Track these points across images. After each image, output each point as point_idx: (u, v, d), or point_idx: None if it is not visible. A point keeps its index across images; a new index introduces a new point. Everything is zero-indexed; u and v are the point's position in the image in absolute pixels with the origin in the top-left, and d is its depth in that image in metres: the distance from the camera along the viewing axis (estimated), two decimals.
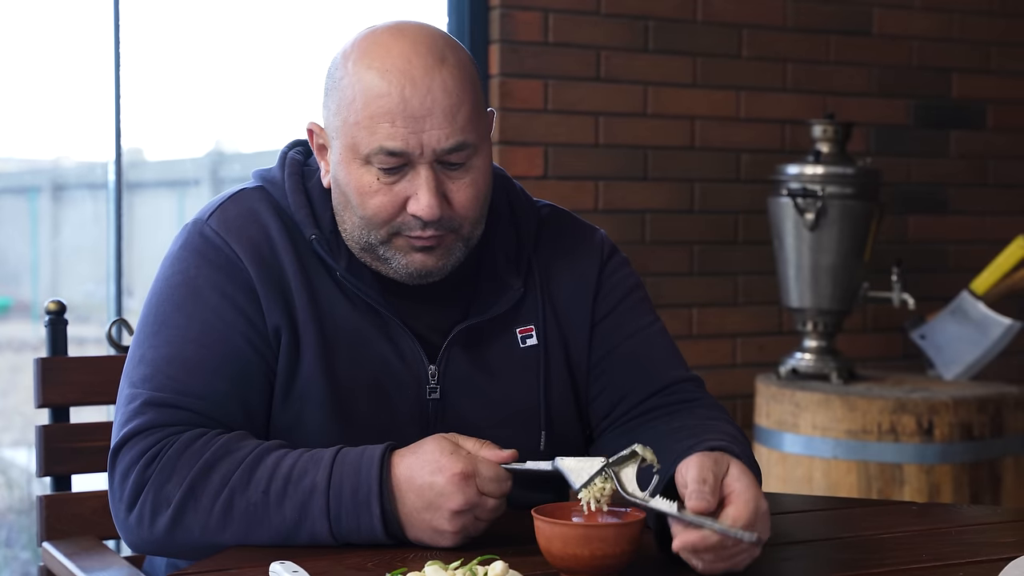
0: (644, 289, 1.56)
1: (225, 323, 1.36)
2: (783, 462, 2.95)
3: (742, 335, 3.45)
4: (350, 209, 1.38)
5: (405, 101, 1.32)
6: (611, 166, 3.27)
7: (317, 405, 1.37)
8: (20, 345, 5.30)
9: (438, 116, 1.33)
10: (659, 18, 3.31)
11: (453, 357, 1.42)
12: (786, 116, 3.46)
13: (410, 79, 1.33)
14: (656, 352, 1.51)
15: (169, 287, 1.39)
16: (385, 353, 1.40)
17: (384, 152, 1.33)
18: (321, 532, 1.27)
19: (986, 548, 1.34)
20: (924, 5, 3.63)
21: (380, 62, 1.34)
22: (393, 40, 1.36)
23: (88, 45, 3.15)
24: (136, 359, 1.38)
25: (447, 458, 1.25)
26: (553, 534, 1.18)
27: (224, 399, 1.35)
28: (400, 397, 1.40)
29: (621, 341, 1.50)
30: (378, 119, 1.33)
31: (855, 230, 2.98)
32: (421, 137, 1.33)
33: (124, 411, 1.35)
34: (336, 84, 1.38)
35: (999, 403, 2.90)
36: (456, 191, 1.36)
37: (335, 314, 1.39)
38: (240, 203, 1.43)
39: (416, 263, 1.38)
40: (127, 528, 1.32)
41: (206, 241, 1.40)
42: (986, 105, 3.74)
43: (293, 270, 1.39)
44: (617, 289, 1.52)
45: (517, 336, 1.45)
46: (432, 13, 3.24)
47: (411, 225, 1.36)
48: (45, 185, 4.84)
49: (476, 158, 1.37)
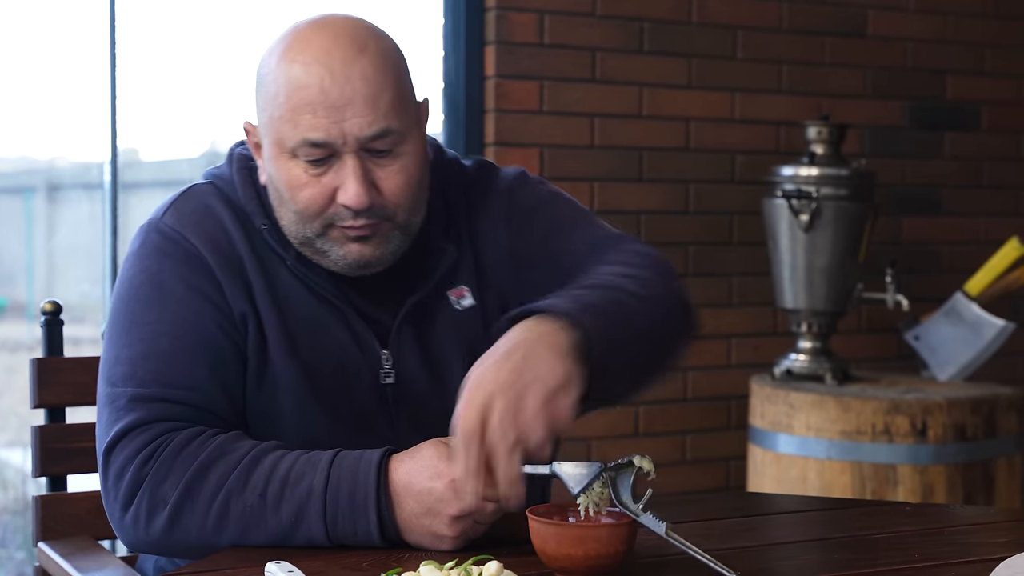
0: (562, 194, 1.53)
1: (195, 313, 1.37)
2: (777, 463, 2.96)
3: (737, 336, 3.46)
4: (284, 204, 1.39)
5: (325, 91, 1.33)
6: (606, 167, 3.28)
7: (286, 391, 1.38)
8: (15, 345, 5.30)
9: (359, 104, 1.33)
10: (654, 19, 3.31)
11: (404, 339, 1.43)
12: (781, 117, 3.47)
13: (329, 69, 1.33)
14: (574, 243, 1.47)
15: (133, 286, 1.40)
16: (343, 339, 1.41)
17: (308, 144, 1.34)
18: (317, 535, 1.27)
19: (978, 548, 1.34)
20: (918, 7, 3.64)
21: (301, 55, 1.35)
22: (314, 33, 1.36)
23: (84, 45, 3.15)
24: (111, 360, 1.38)
25: (445, 464, 1.25)
26: (548, 534, 1.19)
27: (206, 386, 1.35)
28: (360, 382, 1.41)
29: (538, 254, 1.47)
30: (299, 111, 1.34)
31: (849, 231, 2.99)
32: (343, 126, 1.33)
33: (109, 410, 1.35)
34: (261, 81, 1.39)
35: (992, 404, 2.91)
36: (385, 178, 1.36)
37: (293, 302, 1.40)
38: (192, 199, 1.44)
39: (353, 253, 1.38)
40: (123, 528, 1.32)
41: (164, 237, 1.41)
42: (980, 107, 3.75)
43: (250, 259, 1.40)
44: (524, 210, 1.50)
45: (451, 299, 1.45)
46: (428, 14, 3.25)
47: (343, 215, 1.36)
48: (40, 185, 4.84)
49: (404, 145, 1.37)
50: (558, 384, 1.21)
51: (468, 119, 3.14)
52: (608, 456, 3.15)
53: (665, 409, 3.37)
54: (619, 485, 1.21)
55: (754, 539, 1.39)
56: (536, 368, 1.20)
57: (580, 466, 1.22)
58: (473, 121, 3.14)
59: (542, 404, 1.19)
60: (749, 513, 1.55)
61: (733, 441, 3.42)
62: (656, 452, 3.31)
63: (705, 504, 1.67)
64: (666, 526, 1.18)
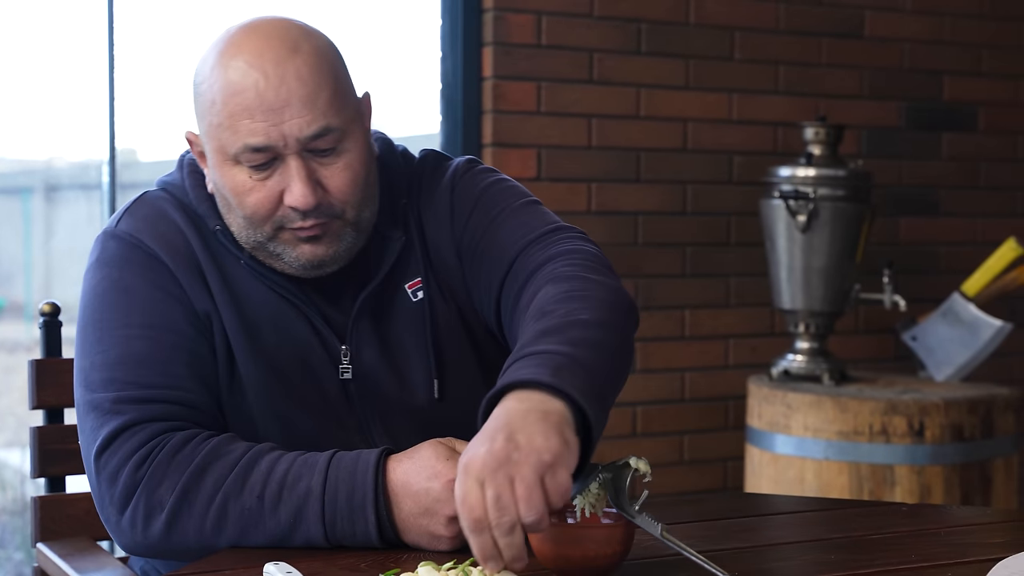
0: (505, 180, 1.51)
1: (163, 312, 1.37)
2: (775, 463, 2.96)
3: (734, 336, 3.46)
4: (233, 211, 1.39)
5: (260, 95, 1.33)
6: (604, 168, 3.28)
7: (251, 388, 1.39)
8: (13, 346, 5.31)
9: (295, 105, 1.33)
10: (652, 20, 3.32)
11: (361, 333, 1.43)
12: (778, 118, 3.48)
13: (263, 72, 1.33)
14: (510, 230, 1.44)
15: (98, 295, 1.40)
16: (304, 335, 1.42)
17: (249, 149, 1.34)
18: (316, 537, 1.28)
19: (975, 549, 1.34)
20: (915, 8, 3.65)
21: (234, 60, 1.34)
22: (245, 37, 1.36)
23: (81, 46, 3.15)
24: (87, 368, 1.37)
25: (443, 464, 1.25)
26: (545, 535, 1.19)
27: (187, 383, 1.36)
28: (324, 376, 1.42)
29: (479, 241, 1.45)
30: (237, 117, 1.33)
31: (847, 232, 3.00)
32: (282, 128, 1.33)
33: (94, 416, 1.35)
34: (197, 89, 1.38)
35: (989, 404, 2.91)
36: (330, 177, 1.36)
37: (253, 300, 1.41)
38: (145, 205, 1.45)
39: (306, 254, 1.38)
40: (120, 531, 1.32)
41: (121, 244, 1.41)
42: (977, 108, 3.75)
43: (206, 260, 1.41)
44: (467, 200, 1.48)
45: (408, 293, 1.46)
46: (425, 15, 3.25)
47: (291, 217, 1.36)
48: (38, 186, 4.84)
49: (347, 141, 1.37)
50: (552, 458, 1.11)
51: (466, 120, 3.14)
52: (606, 457, 3.15)
53: (663, 409, 3.38)
54: (615, 486, 1.21)
55: (750, 540, 1.39)
56: (528, 444, 1.11)
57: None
58: (471, 122, 3.14)
59: (536, 481, 1.10)
60: (746, 514, 1.55)
61: (730, 441, 3.43)
62: (654, 452, 3.32)
63: (702, 505, 1.67)
64: (661, 527, 1.19)
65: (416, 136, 3.41)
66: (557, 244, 1.41)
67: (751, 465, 3.06)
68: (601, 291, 1.32)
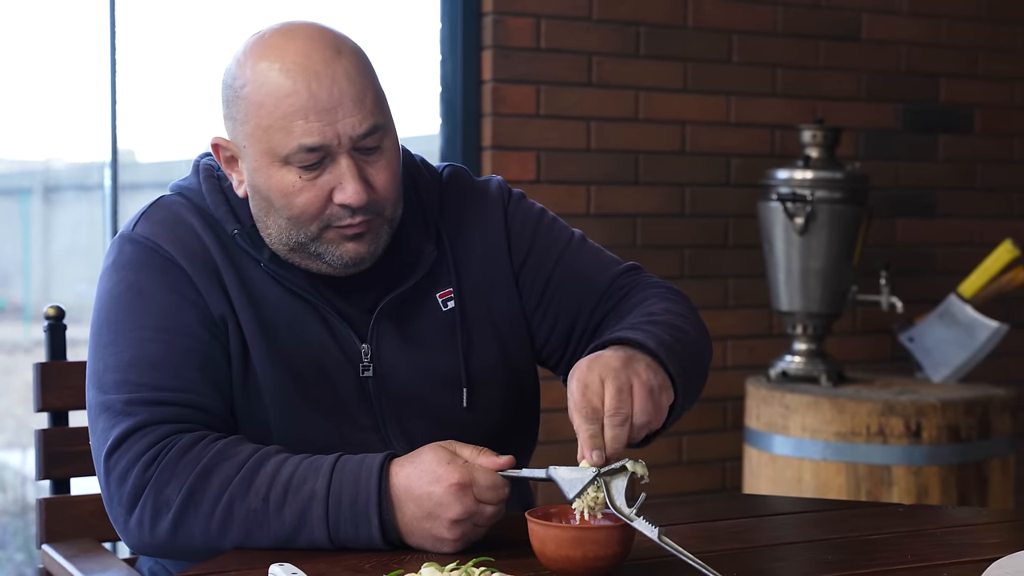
0: (549, 211, 1.61)
1: (178, 316, 1.39)
2: (773, 464, 2.98)
3: (733, 338, 3.48)
4: (274, 213, 1.40)
5: (313, 95, 1.35)
6: (603, 170, 3.30)
7: (268, 389, 1.40)
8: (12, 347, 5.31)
9: (348, 104, 1.36)
10: (650, 24, 3.33)
11: (383, 333, 1.45)
12: (776, 121, 3.49)
13: (314, 74, 1.35)
14: (587, 261, 1.57)
15: (113, 297, 1.41)
16: (321, 335, 1.43)
17: (304, 149, 1.35)
18: (320, 539, 1.29)
19: (970, 549, 1.36)
20: (912, 11, 3.66)
21: (280, 63, 1.36)
22: (286, 40, 1.38)
23: (81, 46, 3.16)
24: (100, 369, 1.39)
25: (444, 468, 1.27)
26: (546, 536, 1.21)
27: (199, 387, 1.37)
28: (340, 377, 1.44)
29: (552, 269, 1.55)
30: (291, 117, 1.35)
31: (844, 234, 3.01)
32: (336, 127, 1.35)
33: (106, 416, 1.36)
34: (237, 93, 1.39)
35: (986, 405, 2.93)
36: (375, 174, 1.39)
37: (269, 301, 1.42)
38: (161, 209, 1.46)
39: (350, 252, 1.40)
40: (127, 531, 1.34)
41: (138, 247, 1.42)
42: (974, 110, 3.77)
43: (223, 263, 1.42)
44: (526, 226, 1.56)
45: (438, 301, 1.49)
46: (425, 19, 3.26)
47: (340, 215, 1.38)
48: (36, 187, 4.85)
49: (387, 139, 1.40)
50: (659, 384, 1.31)
51: (465, 123, 3.15)
52: None
53: None
54: (613, 489, 1.23)
55: (748, 541, 1.41)
56: (640, 369, 1.31)
57: (575, 471, 1.24)
58: (470, 125, 3.16)
59: (648, 393, 1.29)
60: (743, 515, 1.56)
61: (729, 442, 3.44)
62: (653, 453, 3.33)
63: (700, 506, 1.69)
64: (659, 531, 1.20)
65: (416, 137, 3.43)
66: (642, 280, 1.57)
67: (749, 466, 3.07)
68: (695, 320, 1.52)
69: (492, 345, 1.51)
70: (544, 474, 1.26)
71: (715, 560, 1.25)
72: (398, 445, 1.44)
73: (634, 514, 1.21)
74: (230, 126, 1.42)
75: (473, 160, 3.16)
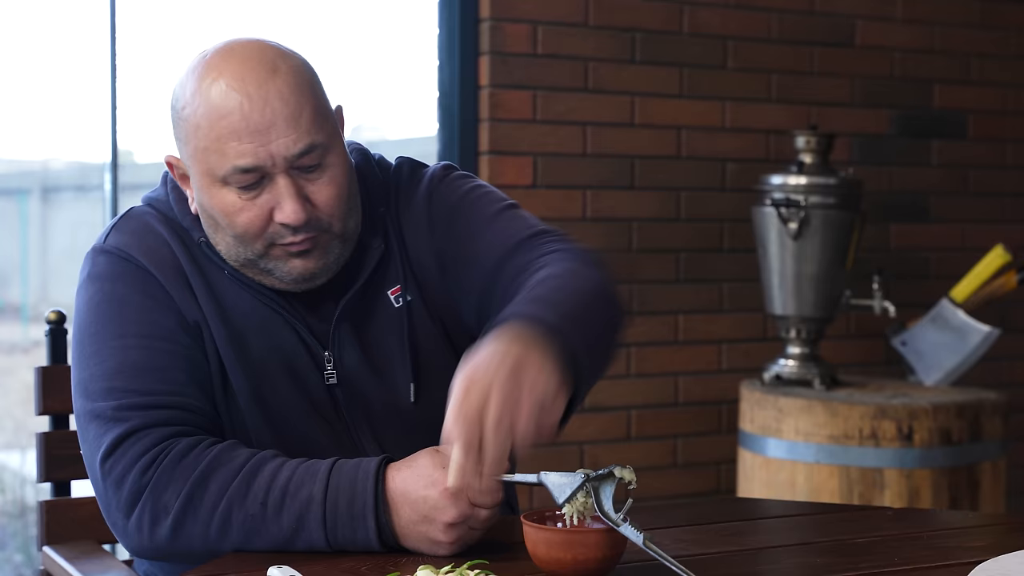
0: (484, 186, 1.55)
1: (158, 321, 1.40)
2: (767, 466, 3.00)
3: (727, 342, 3.50)
4: (221, 230, 1.42)
5: (246, 117, 1.36)
6: (599, 175, 3.32)
7: (240, 395, 1.42)
8: (10, 348, 5.31)
9: (281, 125, 1.36)
10: (646, 30, 3.35)
11: (343, 339, 1.47)
12: (770, 126, 3.51)
13: (246, 94, 1.36)
14: (497, 232, 1.49)
15: (91, 308, 1.42)
16: (289, 342, 1.45)
17: (238, 171, 1.37)
18: (318, 542, 1.31)
19: (957, 552, 1.37)
20: (906, 17, 3.69)
21: (215, 84, 1.37)
22: (224, 61, 1.39)
23: (80, 46, 3.18)
24: (85, 379, 1.40)
25: (440, 472, 1.28)
26: (539, 538, 1.23)
27: (187, 389, 1.39)
28: (310, 383, 1.45)
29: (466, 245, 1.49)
30: (224, 139, 1.36)
31: (837, 239, 3.03)
32: (269, 148, 1.36)
33: (96, 424, 1.37)
34: (179, 114, 1.41)
35: (977, 409, 2.95)
36: (317, 192, 1.40)
37: (239, 309, 1.44)
38: (131, 220, 1.48)
39: (298, 268, 1.42)
40: (126, 535, 1.35)
41: (110, 259, 1.44)
42: (967, 115, 3.79)
43: (192, 271, 1.44)
44: (445, 205, 1.52)
45: (390, 299, 1.49)
46: (422, 25, 3.28)
47: (282, 233, 1.39)
48: (35, 187, 4.85)
49: (329, 156, 1.41)
50: (550, 394, 1.22)
51: (462, 128, 3.17)
52: (600, 460, 3.19)
53: (656, 413, 3.41)
54: (601, 495, 1.24)
55: (738, 544, 1.42)
56: (531, 374, 1.21)
57: (565, 476, 1.25)
58: (467, 130, 3.18)
59: (535, 408, 1.21)
60: (735, 518, 1.58)
61: (723, 445, 3.46)
62: (647, 456, 3.35)
63: (693, 509, 1.71)
64: (644, 536, 1.21)
65: (413, 140, 3.45)
66: (542, 247, 1.46)
67: (743, 469, 3.10)
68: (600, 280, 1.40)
69: (437, 338, 1.50)
70: (535, 479, 1.28)
71: (706, 563, 1.27)
72: (370, 450, 1.45)
73: (621, 519, 1.22)
74: (178, 145, 1.44)
75: (470, 165, 3.18)
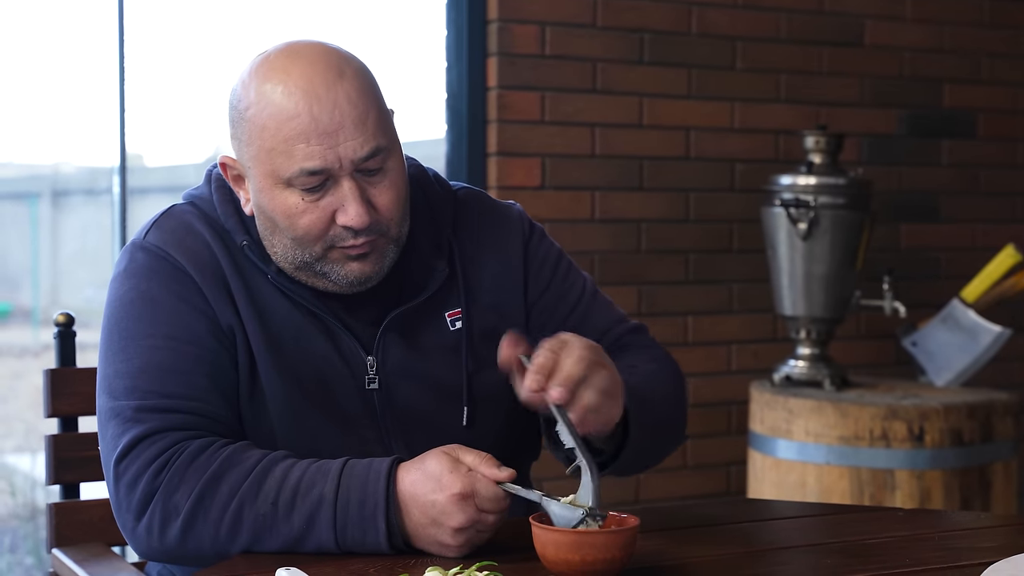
0: (565, 254, 1.64)
1: (188, 324, 1.40)
2: (777, 468, 2.99)
3: (737, 342, 3.49)
4: (279, 232, 1.42)
5: (315, 119, 1.36)
6: (607, 176, 3.31)
7: (273, 399, 1.42)
8: (21, 351, 5.32)
9: (349, 127, 1.37)
10: (654, 31, 3.35)
11: (388, 345, 1.47)
12: (779, 126, 3.51)
13: (315, 97, 1.36)
14: (597, 316, 1.60)
15: (123, 304, 1.43)
16: (327, 349, 1.45)
17: (305, 173, 1.37)
18: (327, 543, 1.31)
19: (967, 553, 1.37)
20: (915, 17, 3.68)
21: (282, 86, 1.37)
22: (290, 62, 1.39)
23: (89, 50, 3.18)
24: (110, 375, 1.40)
25: (447, 476, 1.28)
26: (547, 540, 1.23)
27: (208, 395, 1.39)
28: (345, 389, 1.45)
29: (567, 316, 1.57)
30: (292, 141, 1.37)
31: (847, 239, 3.03)
32: (337, 151, 1.37)
33: (116, 423, 1.37)
34: (242, 115, 1.41)
35: (989, 409, 2.94)
36: (378, 195, 1.41)
37: (276, 313, 1.44)
38: (173, 218, 1.48)
39: (354, 271, 1.42)
40: (136, 537, 1.35)
41: (149, 255, 1.44)
42: (977, 115, 3.78)
43: (232, 274, 1.44)
44: (547, 264, 1.59)
45: (447, 320, 1.51)
46: (430, 26, 3.29)
47: (343, 236, 1.40)
48: (45, 191, 4.87)
49: (390, 160, 1.42)
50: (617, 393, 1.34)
51: (471, 130, 3.17)
52: None
53: None
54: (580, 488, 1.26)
55: (748, 545, 1.42)
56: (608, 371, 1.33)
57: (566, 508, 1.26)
58: (476, 132, 3.18)
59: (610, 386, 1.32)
60: (745, 519, 1.58)
61: (733, 446, 3.45)
62: None
63: (703, 511, 1.71)
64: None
65: (422, 142, 3.45)
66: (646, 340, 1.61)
67: (753, 470, 3.09)
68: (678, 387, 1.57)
69: (495, 368, 1.51)
70: (538, 499, 1.28)
71: (716, 564, 1.27)
72: (402, 456, 1.45)
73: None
74: (236, 146, 1.44)
75: (478, 166, 3.18)
